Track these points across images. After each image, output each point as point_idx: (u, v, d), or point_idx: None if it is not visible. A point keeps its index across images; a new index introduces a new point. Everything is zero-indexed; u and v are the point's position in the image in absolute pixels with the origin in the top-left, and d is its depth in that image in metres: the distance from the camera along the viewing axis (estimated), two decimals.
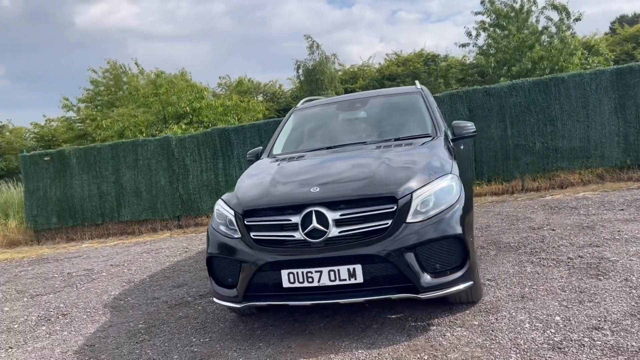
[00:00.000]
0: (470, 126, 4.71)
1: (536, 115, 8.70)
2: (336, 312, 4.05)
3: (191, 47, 60.19)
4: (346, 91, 25.36)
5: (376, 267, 3.38)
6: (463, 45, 20.60)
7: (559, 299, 3.74)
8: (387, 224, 3.37)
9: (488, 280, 4.37)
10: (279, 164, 4.33)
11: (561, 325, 3.31)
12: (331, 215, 3.40)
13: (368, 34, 57.08)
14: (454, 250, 3.47)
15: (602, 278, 4.06)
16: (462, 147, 6.03)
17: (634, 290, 3.71)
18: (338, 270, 3.38)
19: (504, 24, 18.73)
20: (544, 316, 3.48)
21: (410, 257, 3.35)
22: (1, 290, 6.63)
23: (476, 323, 3.53)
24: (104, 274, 6.82)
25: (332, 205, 3.44)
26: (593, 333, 3.14)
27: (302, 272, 3.43)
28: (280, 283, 3.48)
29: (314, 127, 5.27)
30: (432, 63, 21.17)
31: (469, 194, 3.90)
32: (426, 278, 3.37)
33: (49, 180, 10.87)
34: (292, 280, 3.46)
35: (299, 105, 5.70)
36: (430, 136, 4.50)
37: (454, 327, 3.51)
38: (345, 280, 3.38)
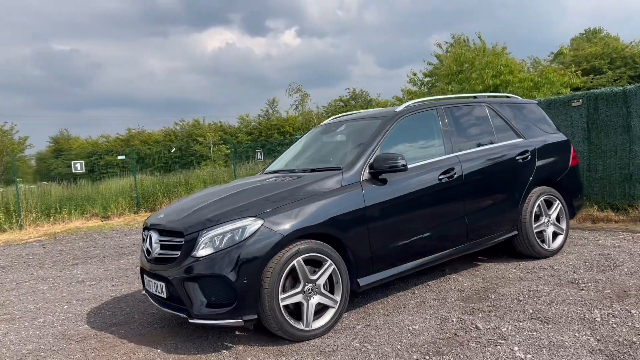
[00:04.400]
0: (395, 160, 4.33)
1: None
2: None
3: None
4: None
5: (171, 288, 4.07)
6: None
7: None
8: (177, 254, 4.00)
9: (368, 326, 4.19)
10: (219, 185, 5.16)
11: None
12: (155, 239, 4.25)
13: None
14: (224, 287, 3.81)
15: (434, 357, 3.47)
16: (519, 159, 5.28)
17: None
18: (156, 283, 4.23)
19: None
20: None
21: (189, 286, 3.91)
22: None
23: (249, 359, 3.80)
24: None
25: (160, 231, 4.26)
26: None
27: (147, 279, 4.43)
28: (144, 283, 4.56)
29: (300, 148, 5.63)
30: None
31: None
32: (200, 306, 3.87)
33: None
34: (146, 283, 4.49)
35: (325, 121, 6.03)
36: (340, 170, 4.45)
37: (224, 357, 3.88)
38: (160, 293, 4.21)
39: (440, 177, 4.76)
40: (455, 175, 4.85)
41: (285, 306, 3.91)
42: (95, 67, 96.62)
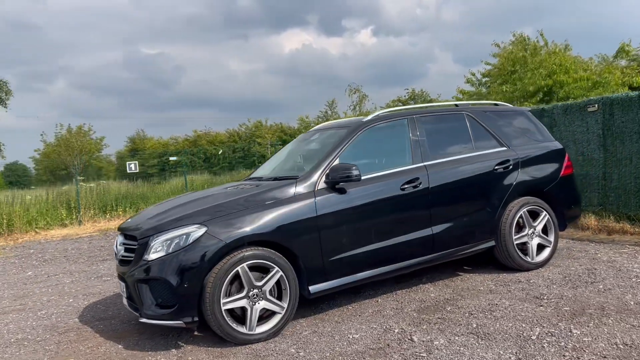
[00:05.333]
0: (350, 170, 4.41)
1: None
2: None
3: None
4: None
5: (129, 289, 4.37)
6: None
7: None
8: (132, 257, 4.30)
9: (315, 332, 4.30)
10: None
11: None
12: (120, 242, 4.57)
13: None
14: (167, 290, 4.05)
15: None
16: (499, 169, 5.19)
17: None
18: (121, 283, 4.56)
19: None
20: None
21: (141, 287, 4.19)
22: None
23: (190, 358, 4.02)
24: None
25: (125, 235, 4.58)
26: None
27: (118, 280, 4.76)
28: None
29: (282, 155, 5.77)
30: None
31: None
32: (149, 306, 4.14)
33: None
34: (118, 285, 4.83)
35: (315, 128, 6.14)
36: (295, 179, 4.58)
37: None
38: (123, 293, 4.53)
39: (404, 186, 4.77)
40: (421, 185, 4.83)
41: (230, 310, 4.09)
42: (179, 70, 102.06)
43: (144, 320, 4.18)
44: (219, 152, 28.32)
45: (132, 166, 15.92)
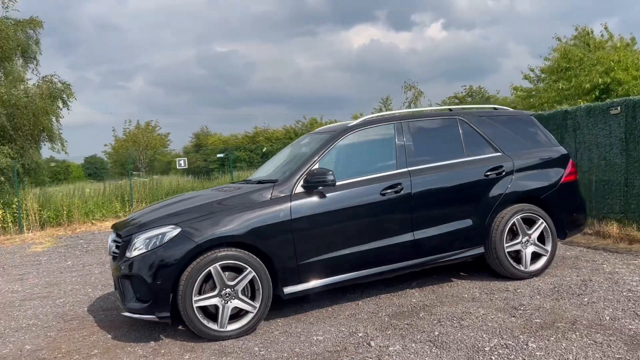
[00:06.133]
0: (325, 175, 4.52)
1: None
2: None
3: None
4: None
5: (115, 282, 4.69)
6: None
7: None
8: (117, 253, 4.60)
9: (285, 332, 4.45)
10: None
11: None
12: (111, 238, 4.90)
13: None
14: (143, 286, 4.32)
15: None
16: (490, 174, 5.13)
17: None
18: (113, 278, 4.89)
19: None
20: None
21: (124, 282, 4.49)
22: None
23: (163, 351, 4.28)
24: None
25: (116, 233, 4.89)
26: None
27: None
28: None
29: (279, 157, 5.90)
30: None
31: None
32: (130, 300, 4.44)
33: None
34: None
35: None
36: (273, 182, 4.73)
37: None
38: (113, 286, 4.86)
39: (385, 191, 4.80)
40: (403, 190, 4.85)
41: (203, 307, 4.30)
42: (249, 67, 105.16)
43: (125, 314, 4.47)
44: (263, 150, 28.99)
45: (182, 162, 16.61)
